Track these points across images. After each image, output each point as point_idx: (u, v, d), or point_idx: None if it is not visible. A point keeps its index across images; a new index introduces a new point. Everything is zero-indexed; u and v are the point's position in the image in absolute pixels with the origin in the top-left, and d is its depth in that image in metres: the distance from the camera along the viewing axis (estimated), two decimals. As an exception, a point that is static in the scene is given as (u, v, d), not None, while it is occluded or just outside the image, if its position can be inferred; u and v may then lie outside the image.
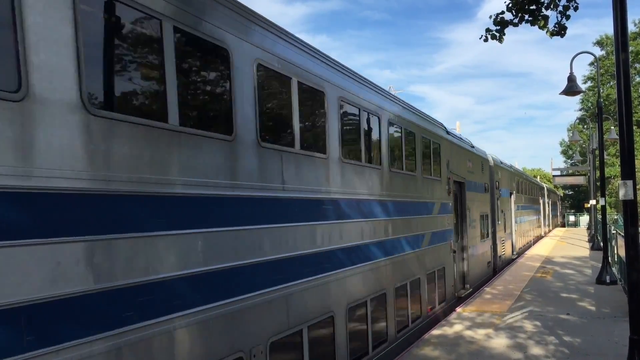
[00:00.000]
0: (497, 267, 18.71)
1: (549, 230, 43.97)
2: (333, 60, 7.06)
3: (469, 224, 14.24)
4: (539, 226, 35.79)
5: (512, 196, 23.08)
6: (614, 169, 48.73)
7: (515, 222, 23.72)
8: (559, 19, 8.30)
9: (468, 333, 9.79)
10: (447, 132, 12.77)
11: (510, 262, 21.43)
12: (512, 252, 22.78)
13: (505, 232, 20.70)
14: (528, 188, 29.87)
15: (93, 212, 3.46)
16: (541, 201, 37.01)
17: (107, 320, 3.52)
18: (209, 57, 4.73)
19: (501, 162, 20.62)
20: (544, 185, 43.27)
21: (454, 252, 12.92)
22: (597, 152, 21.79)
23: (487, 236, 17.11)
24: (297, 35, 6.21)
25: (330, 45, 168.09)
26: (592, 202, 30.19)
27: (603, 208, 17.45)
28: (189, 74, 4.53)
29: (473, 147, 15.68)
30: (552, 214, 47.11)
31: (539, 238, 34.47)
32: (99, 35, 3.70)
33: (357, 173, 7.54)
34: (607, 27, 69.04)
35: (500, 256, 19.21)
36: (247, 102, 4.99)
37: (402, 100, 10.12)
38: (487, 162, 17.45)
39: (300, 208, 5.96)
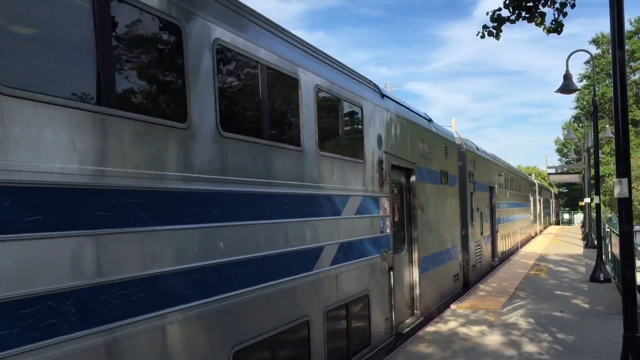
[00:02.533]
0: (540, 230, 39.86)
1: (555, 219, 61.47)
2: None
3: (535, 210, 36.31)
4: (550, 213, 55.46)
5: (542, 197, 43.16)
6: (608, 167, 48.97)
7: (542, 210, 44.18)
8: (556, 16, 8.29)
9: (462, 330, 9.80)
10: (533, 181, 35.94)
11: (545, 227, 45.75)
12: (542, 225, 43.38)
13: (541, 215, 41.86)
14: (545, 192, 49.34)
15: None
16: (551, 200, 55.99)
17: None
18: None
19: (539, 184, 42.67)
20: (552, 190, 60.61)
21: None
22: (592, 150, 21.85)
23: (537, 217, 38.17)
24: (294, 32, 6.16)
25: (327, 42, 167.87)
26: (587, 200, 30.28)
27: (597, 206, 17.49)
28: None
29: (535, 181, 38.83)
30: (555, 209, 63.98)
31: (550, 222, 54.71)
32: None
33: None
34: (602, 27, 69.37)
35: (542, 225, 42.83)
36: None
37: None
38: (534, 184, 38.80)
39: None
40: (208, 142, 4.58)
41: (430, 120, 11.85)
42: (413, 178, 10.01)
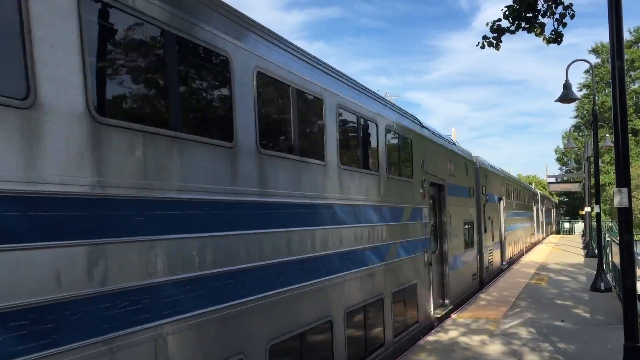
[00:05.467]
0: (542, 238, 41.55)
1: (556, 227, 62.84)
2: None
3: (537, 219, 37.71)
4: (551, 222, 57.40)
5: (544, 207, 45.24)
6: (608, 176, 48.97)
7: (544, 219, 45.85)
8: (556, 26, 8.32)
9: (463, 339, 9.77)
10: (536, 191, 36.62)
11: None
12: (544, 234, 44.91)
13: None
14: (547, 202, 51.58)
15: None
16: (552, 210, 57.73)
17: None
18: None
19: (540, 194, 43.65)
20: (553, 199, 62.34)
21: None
22: (592, 159, 21.87)
23: (539, 226, 39.64)
24: (295, 42, 6.27)
25: (328, 52, 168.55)
26: (587, 209, 30.24)
27: (598, 215, 17.48)
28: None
29: (538, 191, 38.80)
30: (556, 218, 65.00)
31: (550, 231, 56.34)
32: None
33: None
34: (601, 36, 69.65)
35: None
36: None
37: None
38: (537, 194, 39.31)
39: None
40: None
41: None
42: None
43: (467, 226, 14.49)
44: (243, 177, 5.01)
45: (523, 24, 8.32)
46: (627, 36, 55.06)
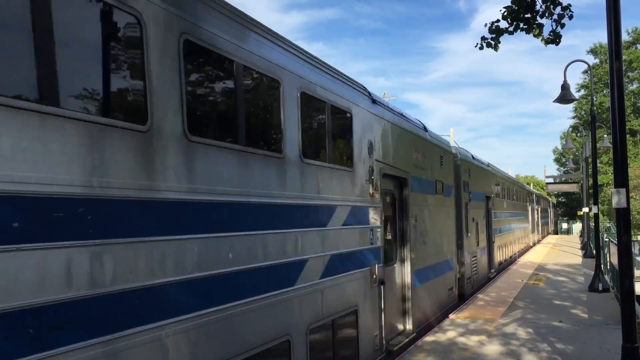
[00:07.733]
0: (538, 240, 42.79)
1: (554, 228, 64.16)
2: None
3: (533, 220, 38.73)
4: (548, 223, 57.24)
5: (540, 207, 47.92)
6: (606, 176, 49.12)
7: (540, 220, 48.37)
8: (554, 27, 8.35)
9: (461, 340, 9.77)
10: (532, 190, 38.08)
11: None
12: (540, 235, 46.55)
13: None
14: (543, 201, 52.20)
15: None
16: (549, 210, 58.39)
17: None
18: None
19: (537, 193, 45.10)
20: (550, 199, 63.29)
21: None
22: (590, 160, 21.92)
23: (535, 227, 39.73)
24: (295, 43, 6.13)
25: (326, 52, 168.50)
26: (585, 209, 30.31)
27: (596, 216, 17.51)
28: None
29: (534, 190, 40.69)
30: (554, 219, 65.98)
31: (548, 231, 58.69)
32: None
33: None
34: (599, 38, 69.78)
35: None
36: None
37: None
38: (532, 193, 38.77)
39: None
40: None
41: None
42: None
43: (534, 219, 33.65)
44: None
45: (521, 25, 8.34)
46: (625, 37, 55.24)
